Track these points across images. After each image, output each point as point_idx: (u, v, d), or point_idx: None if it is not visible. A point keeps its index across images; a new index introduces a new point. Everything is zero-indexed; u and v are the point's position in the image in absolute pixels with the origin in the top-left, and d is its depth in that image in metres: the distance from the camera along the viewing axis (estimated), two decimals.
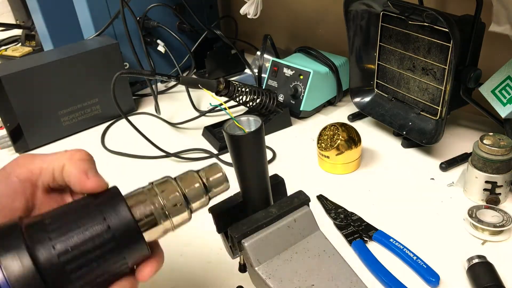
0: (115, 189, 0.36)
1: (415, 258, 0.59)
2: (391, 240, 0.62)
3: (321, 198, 0.72)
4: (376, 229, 0.64)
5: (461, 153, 0.79)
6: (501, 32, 0.69)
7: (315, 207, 0.71)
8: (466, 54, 0.73)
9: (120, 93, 0.96)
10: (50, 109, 0.92)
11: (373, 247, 0.62)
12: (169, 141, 0.92)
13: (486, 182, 0.67)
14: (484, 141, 0.66)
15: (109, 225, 0.33)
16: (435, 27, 0.74)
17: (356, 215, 0.68)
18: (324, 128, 0.78)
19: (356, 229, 0.65)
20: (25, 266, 0.29)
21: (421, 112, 0.83)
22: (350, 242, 0.63)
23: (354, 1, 0.83)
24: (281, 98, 0.98)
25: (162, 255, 0.42)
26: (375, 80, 0.91)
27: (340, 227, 0.66)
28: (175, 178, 0.39)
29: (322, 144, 0.78)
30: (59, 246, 0.31)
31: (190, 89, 1.07)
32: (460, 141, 0.84)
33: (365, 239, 0.63)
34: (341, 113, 0.99)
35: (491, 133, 0.68)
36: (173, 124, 0.99)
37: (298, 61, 1.00)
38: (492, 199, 0.68)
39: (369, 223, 0.66)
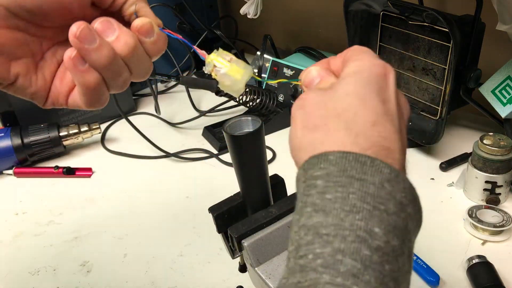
0: None
1: (415, 258, 0.59)
2: None
3: None
4: None
5: (461, 153, 0.79)
6: (507, 31, 0.69)
7: None
8: (466, 54, 0.73)
9: (120, 93, 0.96)
10: (50, 109, 0.92)
11: None
12: (169, 141, 0.91)
13: (486, 182, 0.67)
14: (484, 141, 0.66)
15: None
16: (435, 27, 0.74)
17: None
18: None
19: None
20: None
21: (421, 112, 0.83)
22: None
23: (354, 1, 0.82)
24: (281, 98, 0.98)
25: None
26: None
27: None
28: None
29: None
30: None
31: (190, 89, 1.07)
32: (460, 141, 0.84)
33: None
34: None
35: (491, 133, 0.68)
36: (173, 124, 0.99)
37: (298, 61, 1.00)
38: (492, 199, 0.68)
39: None
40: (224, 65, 0.37)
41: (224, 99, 1.02)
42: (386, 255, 0.26)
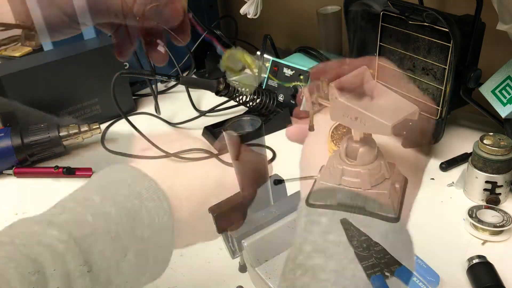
0: None
1: (415, 258, 0.59)
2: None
3: None
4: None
5: (461, 153, 0.79)
6: (507, 31, 0.69)
7: None
8: (466, 54, 0.73)
9: (120, 93, 0.96)
10: (50, 109, 0.92)
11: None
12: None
13: (486, 182, 0.67)
14: (484, 141, 0.66)
15: None
16: (435, 27, 0.74)
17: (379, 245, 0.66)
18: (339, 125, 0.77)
19: (378, 262, 0.63)
20: None
21: (421, 112, 0.83)
22: (369, 276, 0.61)
23: (354, 1, 0.82)
24: (281, 98, 0.98)
25: None
26: (375, 80, 0.91)
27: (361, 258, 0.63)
28: None
29: (339, 141, 0.76)
30: None
31: (190, 89, 1.07)
32: (460, 141, 0.84)
33: (386, 274, 0.61)
34: None
35: (491, 133, 0.68)
36: (173, 124, 0.99)
37: (298, 61, 1.00)
38: (492, 199, 0.68)
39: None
40: (235, 76, 0.40)
41: (224, 99, 1.02)
42: None
